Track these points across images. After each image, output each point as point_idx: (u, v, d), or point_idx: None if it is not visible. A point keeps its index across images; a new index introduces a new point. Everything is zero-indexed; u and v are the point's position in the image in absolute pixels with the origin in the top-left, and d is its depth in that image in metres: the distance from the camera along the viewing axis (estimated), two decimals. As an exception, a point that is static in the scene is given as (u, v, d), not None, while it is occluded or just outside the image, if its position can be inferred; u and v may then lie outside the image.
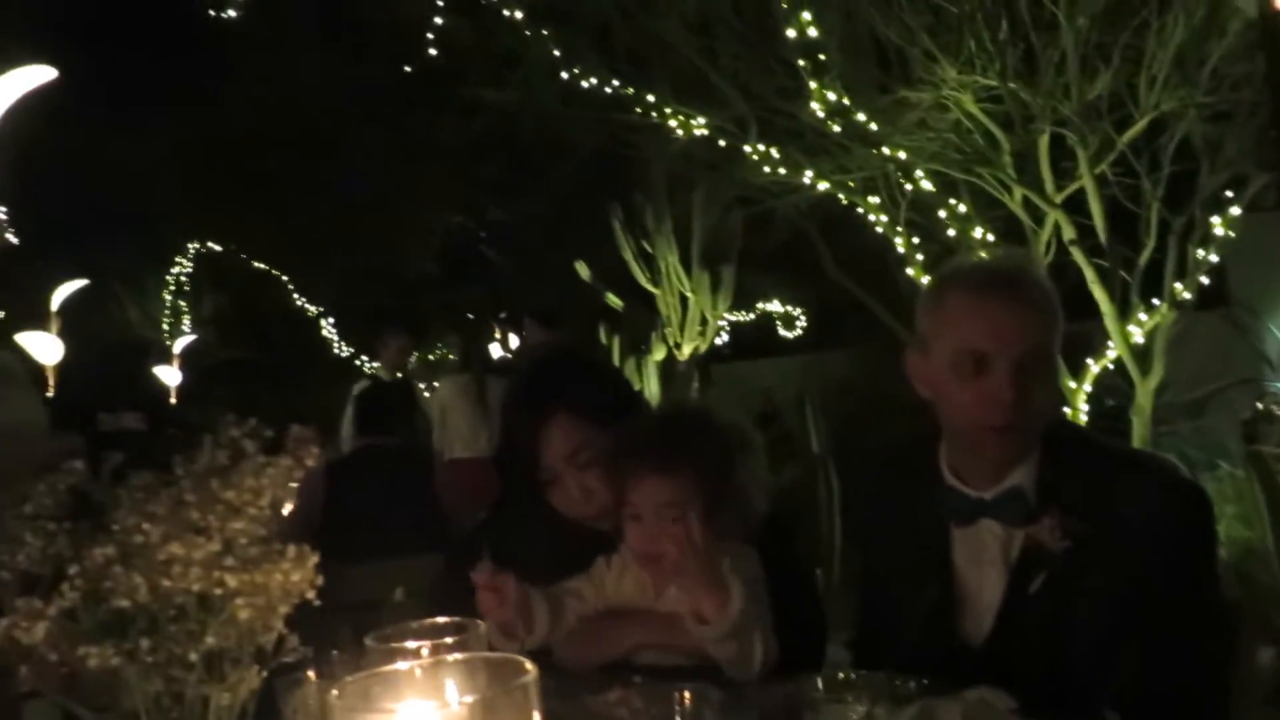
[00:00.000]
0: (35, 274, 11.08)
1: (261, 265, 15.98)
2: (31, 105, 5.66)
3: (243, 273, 16.20)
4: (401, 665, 0.71)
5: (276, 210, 14.15)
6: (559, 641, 1.57)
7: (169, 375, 15.06)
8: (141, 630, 0.78)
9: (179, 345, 15.93)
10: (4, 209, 5.00)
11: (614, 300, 8.52)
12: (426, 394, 7.68)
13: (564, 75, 6.34)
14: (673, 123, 5.92)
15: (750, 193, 6.14)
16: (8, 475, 1.72)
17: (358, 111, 12.67)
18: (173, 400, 14.68)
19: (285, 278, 15.89)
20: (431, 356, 14.54)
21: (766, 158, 5.37)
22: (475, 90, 7.71)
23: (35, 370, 9.43)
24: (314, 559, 0.85)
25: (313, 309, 15.94)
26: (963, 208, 4.86)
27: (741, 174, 5.80)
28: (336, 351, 15.80)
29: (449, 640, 1.10)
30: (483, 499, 4.96)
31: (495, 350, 11.58)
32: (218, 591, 0.78)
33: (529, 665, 0.65)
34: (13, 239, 5.37)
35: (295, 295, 15.89)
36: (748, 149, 5.43)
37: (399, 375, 6.68)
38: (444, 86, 8.77)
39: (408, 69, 8.92)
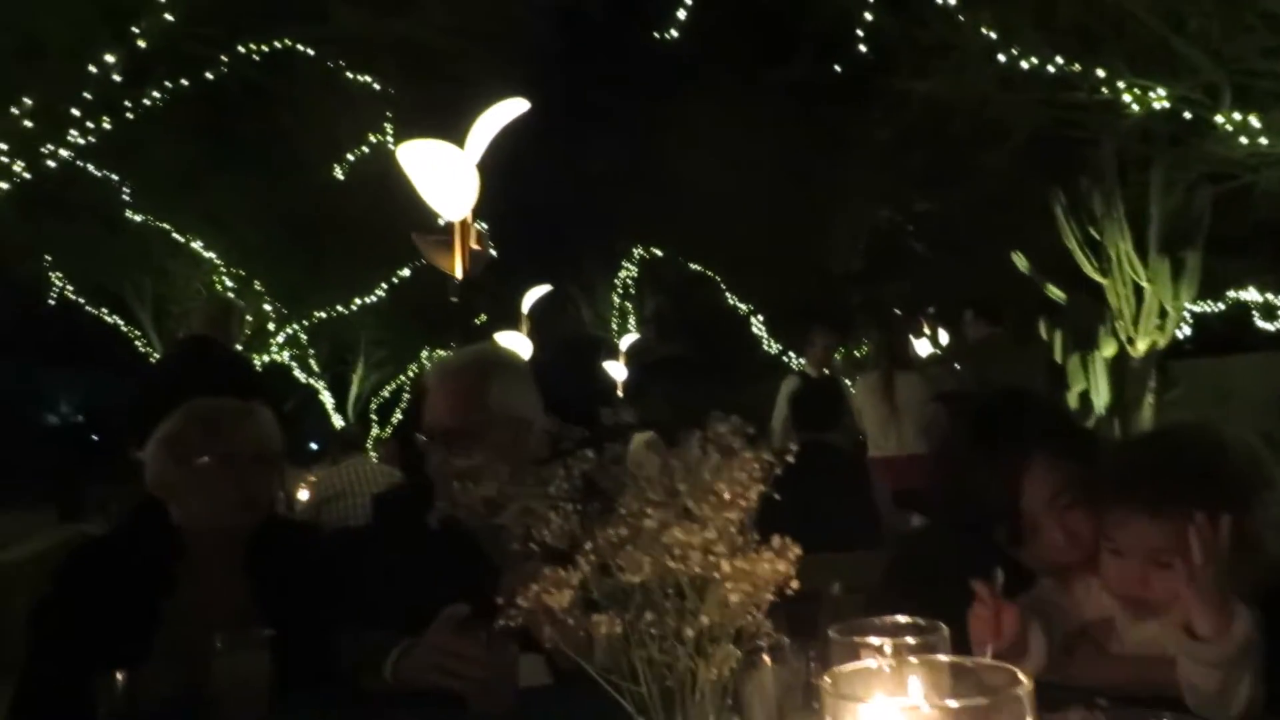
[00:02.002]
0: (510, 282, 12.62)
1: (697, 267, 16.95)
2: (504, 133, 6.42)
3: (680, 274, 17.30)
4: (885, 662, 0.72)
5: (711, 214, 14.92)
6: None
7: (616, 370, 16.50)
8: (642, 604, 0.87)
9: (624, 343, 17.34)
10: (485, 225, 5.80)
11: (1055, 292, 7.97)
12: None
13: (1000, 58, 6.05)
14: (1127, 97, 5.44)
15: (1222, 167, 5.46)
16: (519, 460, 1.99)
17: (784, 112, 12.99)
18: (619, 393, 16.06)
19: (718, 278, 16.72)
20: (858, 353, 14.54)
21: (1244, 127, 4.75)
22: (904, 82, 7.59)
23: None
24: (796, 551, 0.90)
25: (743, 307, 16.61)
26: None
27: (1211, 148, 5.17)
28: (765, 348, 16.34)
29: (911, 640, 1.11)
30: (898, 499, 4.90)
31: (925, 347, 11.29)
32: (715, 575, 0.85)
33: (1023, 675, 0.64)
34: (493, 252, 6.17)
35: (727, 294, 16.67)
36: (1219, 119, 4.83)
37: (825, 372, 6.77)
38: (871, 81, 8.74)
39: (837, 67, 9.00)
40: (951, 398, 5.36)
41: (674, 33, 8.92)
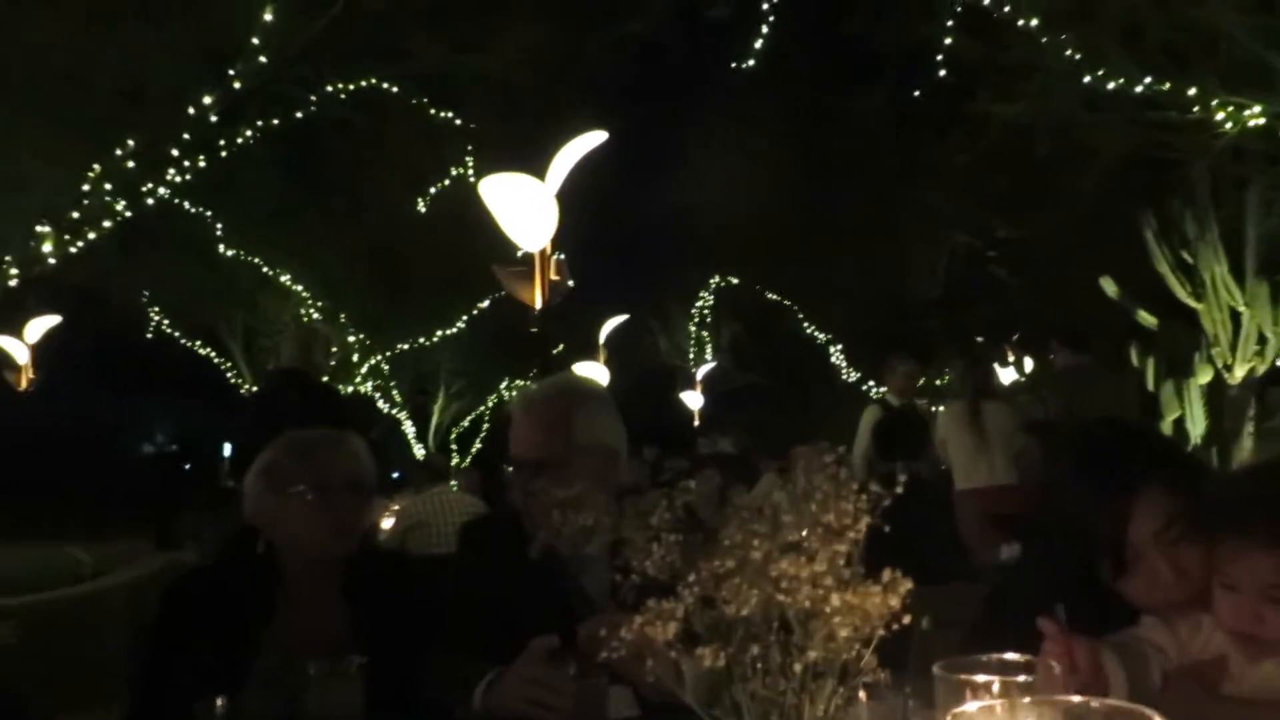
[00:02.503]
0: (587, 312, 12.71)
1: (774, 295, 16.86)
2: (582, 164, 6.49)
3: (757, 303, 17.22)
4: (1008, 702, 0.70)
5: (788, 242, 14.86)
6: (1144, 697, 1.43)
7: (693, 400, 16.47)
8: (746, 638, 0.86)
9: (700, 372, 17.30)
10: (563, 256, 5.88)
11: (1146, 318, 7.74)
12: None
13: (1086, 79, 5.93)
14: (1219, 116, 5.27)
15: (1324, 187, 5.25)
16: (607, 490, 1.99)
17: (863, 139, 12.91)
18: (696, 423, 16.02)
19: (795, 306, 16.61)
20: (939, 382, 14.29)
21: (1347, 144, 4.57)
22: (986, 105, 7.48)
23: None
24: (907, 585, 0.88)
25: (821, 336, 16.46)
26: None
27: (1312, 166, 4.99)
28: (844, 377, 16.15)
29: (1019, 679, 1.08)
30: (986, 533, 4.78)
31: (1010, 374, 11.05)
32: (826, 609, 0.83)
33: (1155, 716, 0.61)
34: (570, 283, 6.22)
35: (805, 323, 16.54)
36: (1321, 136, 4.66)
37: (907, 401, 6.65)
38: (951, 105, 8.64)
39: (916, 93, 8.93)
40: (1043, 427, 5.22)
41: (751, 62, 8.95)
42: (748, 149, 14.33)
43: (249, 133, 8.33)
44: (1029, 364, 11.00)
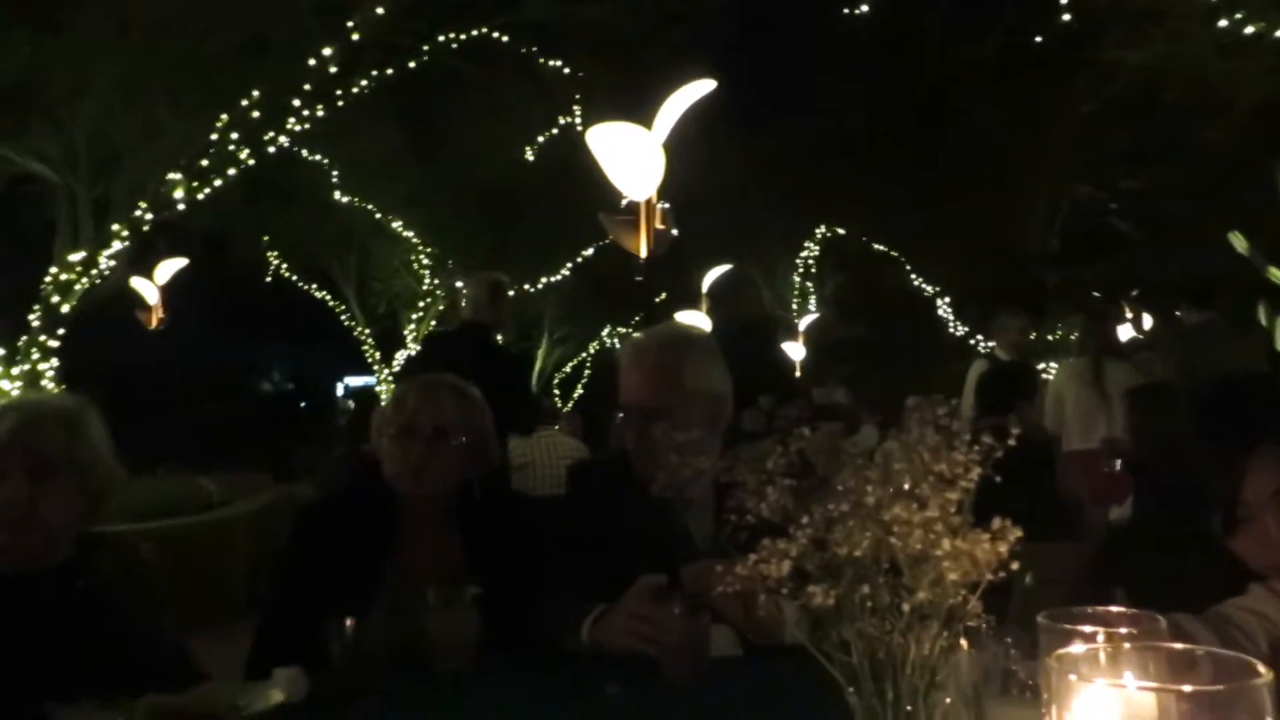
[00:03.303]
0: (691, 261, 12.69)
1: (881, 247, 16.54)
2: (689, 112, 6.46)
3: (863, 254, 16.92)
4: (1110, 647, 0.72)
5: (897, 192, 14.53)
6: None
7: (795, 351, 16.36)
8: (855, 579, 0.90)
9: (803, 323, 17.15)
10: (668, 205, 5.88)
11: (1277, 274, 7.37)
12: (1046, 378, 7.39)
13: (1222, 23, 5.63)
14: (1368, 62, 4.95)
15: None
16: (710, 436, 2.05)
17: (976, 87, 12.49)
18: (797, 374, 15.93)
19: (902, 257, 16.26)
20: (1051, 338, 13.87)
21: None
22: (1113, 51, 7.16)
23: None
24: (1016, 533, 0.91)
25: (929, 288, 16.10)
26: None
27: None
28: (952, 331, 15.80)
29: (1124, 630, 1.09)
30: (1100, 492, 4.67)
31: (1127, 332, 10.68)
32: (936, 553, 0.87)
33: (1263, 668, 0.63)
34: (675, 231, 6.23)
35: (912, 275, 16.19)
36: None
37: (1017, 357, 6.51)
38: (1074, 51, 8.30)
39: (1038, 38, 8.59)
40: (1159, 387, 5.05)
41: (864, 8, 8.73)
42: (856, 97, 14.01)
43: (364, 83, 8.53)
44: (1148, 321, 10.60)
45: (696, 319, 11.72)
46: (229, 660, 2.05)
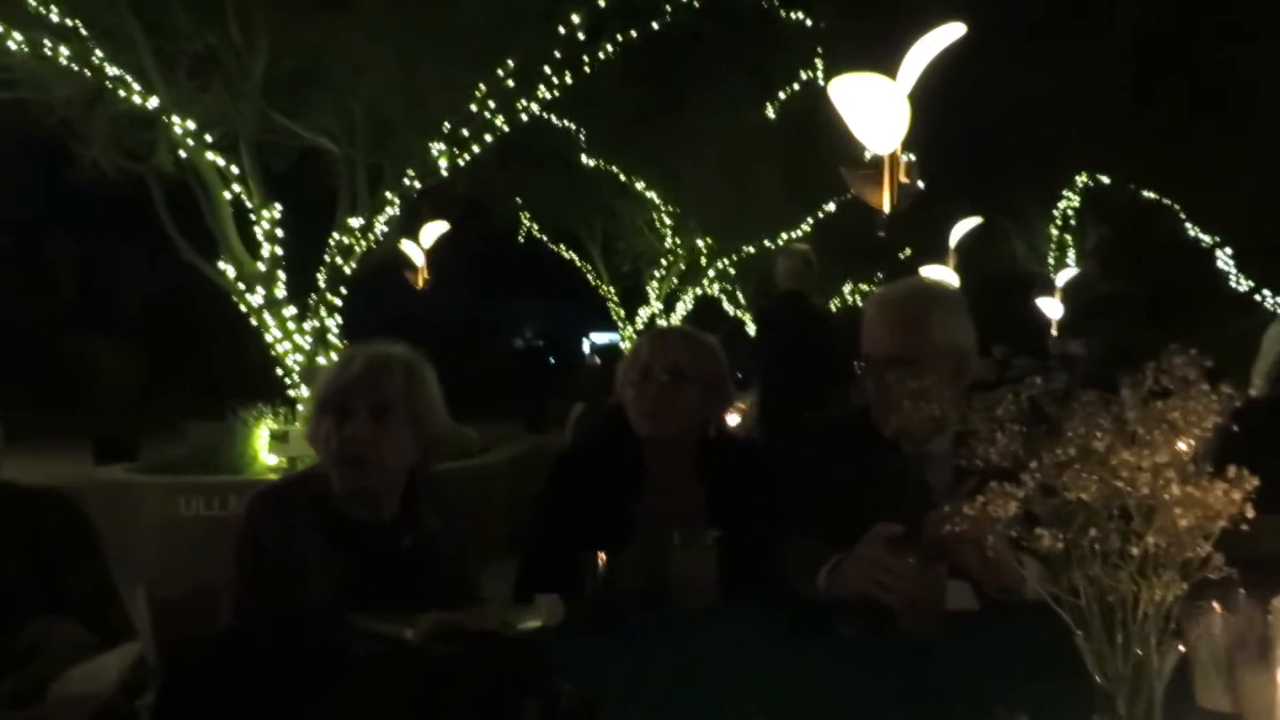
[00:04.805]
0: (938, 215, 12.25)
1: (1151, 195, 15.25)
2: (934, 61, 6.22)
3: (1130, 203, 15.68)
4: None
5: (1169, 137, 13.35)
6: None
7: (1051, 308, 15.45)
8: (1085, 524, 0.92)
9: (1061, 279, 16.16)
10: (913, 157, 5.72)
11: None
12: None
13: None
14: None
15: None
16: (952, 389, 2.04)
17: (1260, 13, 11.24)
18: (1053, 332, 15.04)
19: (1177, 206, 14.93)
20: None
21: None
22: None
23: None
24: (1253, 481, 0.89)
25: (1207, 239, 14.72)
26: None
27: None
28: (1233, 285, 14.41)
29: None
30: None
31: None
32: (1165, 497, 0.87)
33: None
34: (920, 184, 6.06)
35: (1187, 224, 14.85)
36: None
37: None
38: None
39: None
40: None
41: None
42: (1115, 35, 12.93)
43: (609, 48, 8.78)
44: None
45: (943, 275, 11.33)
46: (491, 593, 2.26)
